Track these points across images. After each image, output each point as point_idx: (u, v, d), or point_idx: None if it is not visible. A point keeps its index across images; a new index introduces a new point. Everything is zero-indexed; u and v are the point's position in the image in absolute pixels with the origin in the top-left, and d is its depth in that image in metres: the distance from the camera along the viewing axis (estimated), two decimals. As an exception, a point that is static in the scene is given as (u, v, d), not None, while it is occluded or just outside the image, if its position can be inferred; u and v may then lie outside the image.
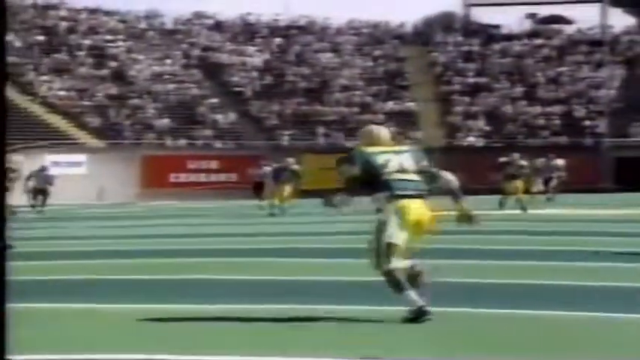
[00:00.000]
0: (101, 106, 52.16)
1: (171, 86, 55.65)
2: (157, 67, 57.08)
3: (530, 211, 25.44)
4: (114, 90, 53.74)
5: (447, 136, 55.61)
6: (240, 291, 9.49)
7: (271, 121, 55.01)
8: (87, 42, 56.90)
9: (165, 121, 52.54)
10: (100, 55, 56.17)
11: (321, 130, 54.56)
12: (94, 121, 50.94)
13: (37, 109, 50.48)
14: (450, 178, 7.89)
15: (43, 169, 32.94)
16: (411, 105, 57.90)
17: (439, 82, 60.36)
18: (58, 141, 47.64)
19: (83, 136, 49.99)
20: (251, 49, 61.41)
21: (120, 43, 57.96)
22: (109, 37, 58.11)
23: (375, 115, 56.48)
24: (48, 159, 46.55)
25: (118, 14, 61.31)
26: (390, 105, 57.53)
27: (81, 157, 47.80)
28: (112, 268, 12.00)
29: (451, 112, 57.58)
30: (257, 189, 32.88)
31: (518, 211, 25.46)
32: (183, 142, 51.54)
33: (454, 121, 56.94)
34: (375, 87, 58.99)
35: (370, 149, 7.85)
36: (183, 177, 50.15)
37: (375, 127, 8.28)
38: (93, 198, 43.58)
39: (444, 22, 66.69)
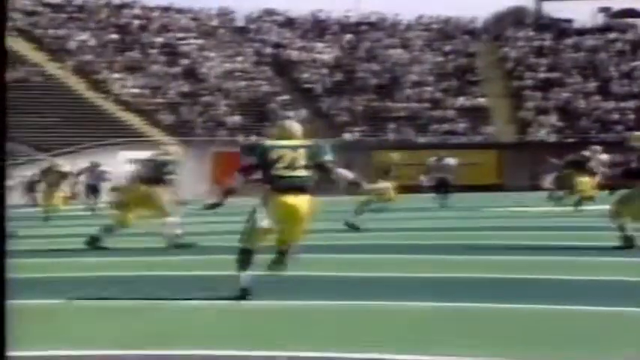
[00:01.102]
0: (173, 104, 52.82)
1: (242, 83, 56.08)
2: (229, 65, 57.57)
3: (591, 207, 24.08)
4: (186, 87, 54.35)
5: (518, 132, 55.30)
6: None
7: (341, 118, 55.15)
8: (159, 40, 57.65)
9: (236, 118, 53.00)
10: (172, 53, 56.87)
11: (391, 126, 54.60)
12: (167, 118, 51.60)
13: (110, 107, 51.31)
14: (343, 172, 9.10)
15: (95, 165, 32.68)
16: (481, 100, 57.64)
17: (510, 78, 59.98)
18: (131, 138, 48.35)
19: (156, 134, 50.64)
20: (321, 45, 61.62)
21: (192, 41, 58.60)
22: (180, 35, 58.79)
23: (445, 110, 56.37)
24: (121, 156, 47.37)
25: (190, 12, 61.99)
26: (461, 100, 57.33)
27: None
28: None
29: (522, 108, 57.22)
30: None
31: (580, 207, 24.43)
32: (254, 138, 51.90)
33: (525, 116, 56.58)
34: (445, 82, 58.81)
35: (271, 143, 8.92)
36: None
37: (287, 122, 9.36)
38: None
39: (516, 17, 66.23)
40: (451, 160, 30.00)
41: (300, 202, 8.60)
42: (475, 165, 46.44)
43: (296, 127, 9.06)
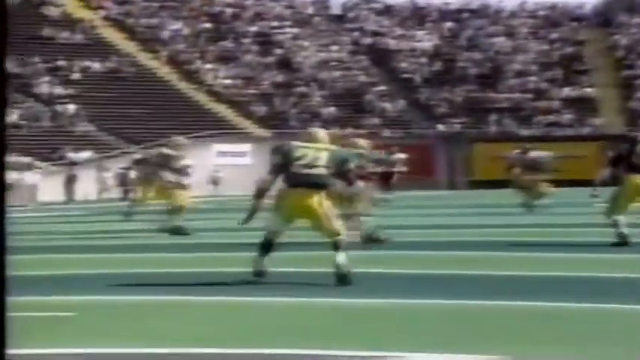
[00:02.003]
0: (267, 95, 53.06)
1: (337, 73, 56.09)
2: (324, 54, 57.63)
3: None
4: (280, 78, 54.55)
5: (627, 124, 54.21)
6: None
7: (441, 109, 54.80)
8: (253, 29, 57.96)
9: (331, 110, 53.02)
10: (265, 42, 57.13)
11: (492, 117, 54.04)
12: (260, 109, 51.86)
13: (202, 98, 51.76)
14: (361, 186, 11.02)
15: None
16: (589, 91, 56.69)
17: (620, 67, 58.86)
18: (223, 130, 48.70)
19: (248, 126, 50.95)
20: (421, 34, 61.30)
21: (286, 30, 58.80)
22: (275, 24, 59.03)
23: (550, 101, 55.59)
24: (214, 149, 47.73)
25: (285, 0, 62.17)
26: (567, 91, 56.48)
27: (246, 147, 48.62)
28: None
29: (633, 98, 56.10)
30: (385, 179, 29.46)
31: None
32: (349, 130, 51.85)
33: (636, 107, 55.46)
34: (550, 72, 58.01)
35: (297, 143, 9.92)
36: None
37: (314, 130, 10.44)
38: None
39: (627, 3, 64.93)
40: (541, 154, 27.44)
41: (310, 196, 9.60)
42: (581, 158, 45.62)
43: (322, 134, 10.11)
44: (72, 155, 43.12)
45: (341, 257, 9.45)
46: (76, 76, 50.17)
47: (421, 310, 7.98)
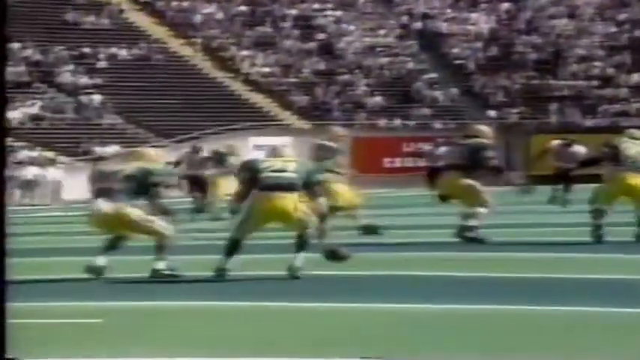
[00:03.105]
0: (307, 83, 53.08)
1: (384, 60, 55.99)
2: (369, 39, 57.53)
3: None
4: (321, 65, 54.55)
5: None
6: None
7: (497, 98, 54.57)
8: (292, 12, 57.97)
9: (377, 99, 52.95)
10: (306, 27, 57.12)
11: (553, 107, 53.73)
12: (300, 99, 51.90)
13: (238, 87, 51.89)
14: (323, 201, 11.80)
15: (196, 150, 28.33)
16: (660, 77, 56.30)
17: (695, 50, 58.33)
18: (261, 122, 48.79)
19: (288, 117, 51.01)
20: (475, 16, 61.03)
21: (328, 13, 58.75)
22: (316, 7, 59.00)
23: (617, 89, 55.19)
24: (251, 142, 47.80)
25: (327, -19, 62.13)
26: (636, 78, 56.04)
27: (285, 140, 48.65)
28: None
29: None
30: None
31: None
32: (397, 122, 51.82)
33: None
34: (617, 57, 57.55)
35: (262, 158, 11.74)
36: (398, 161, 50.35)
37: (280, 145, 12.89)
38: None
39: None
40: (581, 149, 26.85)
41: (283, 199, 10.83)
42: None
43: (288, 150, 11.94)
44: (98, 149, 43.41)
45: (299, 259, 10.74)
46: (102, 64, 50.45)
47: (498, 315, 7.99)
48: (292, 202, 10.90)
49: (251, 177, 11.16)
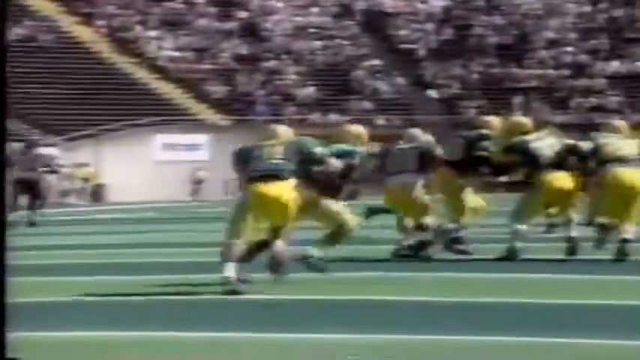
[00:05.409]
0: (227, 71, 53.01)
1: (317, 44, 56.12)
2: (300, 19, 57.65)
3: None
4: (243, 49, 54.55)
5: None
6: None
7: (451, 90, 54.92)
8: (208, -15, 57.93)
9: (310, 90, 53.03)
10: (225, 3, 57.06)
11: (518, 99, 54.10)
12: (218, 90, 51.80)
13: (143, 75, 51.64)
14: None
15: (29, 145, 26.96)
16: (642, 66, 57.05)
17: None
18: (170, 117, 48.57)
19: (203, 111, 50.83)
20: (425, -8, 61.47)
21: (252, -13, 58.82)
22: (237, -20, 59.05)
23: (592, 79, 55.72)
24: (158, 140, 47.57)
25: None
26: (615, 66, 56.66)
27: (201, 138, 48.51)
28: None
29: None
30: None
31: None
32: (333, 117, 51.80)
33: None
34: (593, 41, 58.19)
35: (254, 144, 11.84)
36: (333, 163, 50.35)
37: (273, 126, 12.67)
38: (218, 192, 43.81)
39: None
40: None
41: (275, 187, 11.14)
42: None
43: (282, 129, 12.15)
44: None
45: (279, 245, 11.17)
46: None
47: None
48: (283, 190, 11.31)
49: (241, 168, 11.70)
